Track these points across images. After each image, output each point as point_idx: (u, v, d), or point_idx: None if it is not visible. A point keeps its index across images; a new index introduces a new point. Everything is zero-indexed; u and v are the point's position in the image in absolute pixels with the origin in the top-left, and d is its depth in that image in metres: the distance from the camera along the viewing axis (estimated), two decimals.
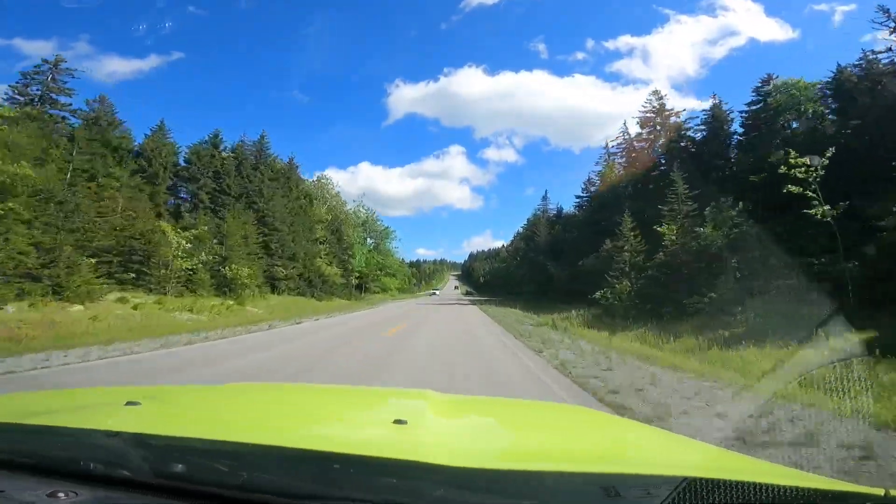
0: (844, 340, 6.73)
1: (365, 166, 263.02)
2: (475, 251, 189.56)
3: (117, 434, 0.89)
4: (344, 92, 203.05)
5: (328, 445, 0.93)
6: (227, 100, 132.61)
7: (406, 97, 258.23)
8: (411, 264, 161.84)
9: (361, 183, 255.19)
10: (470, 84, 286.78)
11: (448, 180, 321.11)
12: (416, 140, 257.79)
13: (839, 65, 21.76)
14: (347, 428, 1.37)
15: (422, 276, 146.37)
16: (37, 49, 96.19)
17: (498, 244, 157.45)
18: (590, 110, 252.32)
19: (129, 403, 1.26)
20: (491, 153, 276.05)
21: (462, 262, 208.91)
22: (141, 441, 0.90)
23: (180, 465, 0.83)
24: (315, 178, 50.56)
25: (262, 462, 0.85)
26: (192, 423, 1.26)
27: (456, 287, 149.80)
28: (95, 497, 0.79)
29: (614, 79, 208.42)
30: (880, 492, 0.79)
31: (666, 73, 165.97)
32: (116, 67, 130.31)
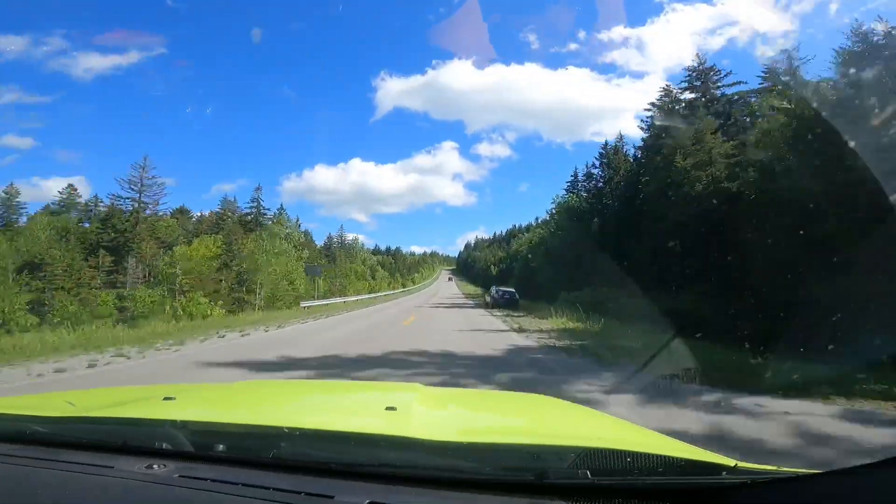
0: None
1: (356, 162, 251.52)
2: (471, 241, 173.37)
3: (185, 424, 1.22)
4: (330, 86, 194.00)
5: (337, 427, 1.28)
6: (211, 96, 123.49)
7: (393, 90, 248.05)
8: (387, 252, 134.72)
9: (353, 179, 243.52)
10: (459, 77, 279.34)
11: (441, 176, 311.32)
12: (407, 135, 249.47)
13: None
14: (350, 414, 1.73)
15: (398, 267, 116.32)
16: (8, 43, 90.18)
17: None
18: (584, 103, 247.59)
19: (166, 399, 1.58)
20: (483, 148, 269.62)
21: (456, 255, 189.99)
22: (195, 428, 1.22)
23: (223, 445, 1.16)
24: None
25: (289, 439, 1.18)
26: (227, 412, 1.60)
27: (450, 279, 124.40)
28: (177, 467, 1.11)
29: (609, 70, 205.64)
30: (731, 462, 0.96)
31: (663, 65, 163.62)
32: (94, 63, 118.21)
